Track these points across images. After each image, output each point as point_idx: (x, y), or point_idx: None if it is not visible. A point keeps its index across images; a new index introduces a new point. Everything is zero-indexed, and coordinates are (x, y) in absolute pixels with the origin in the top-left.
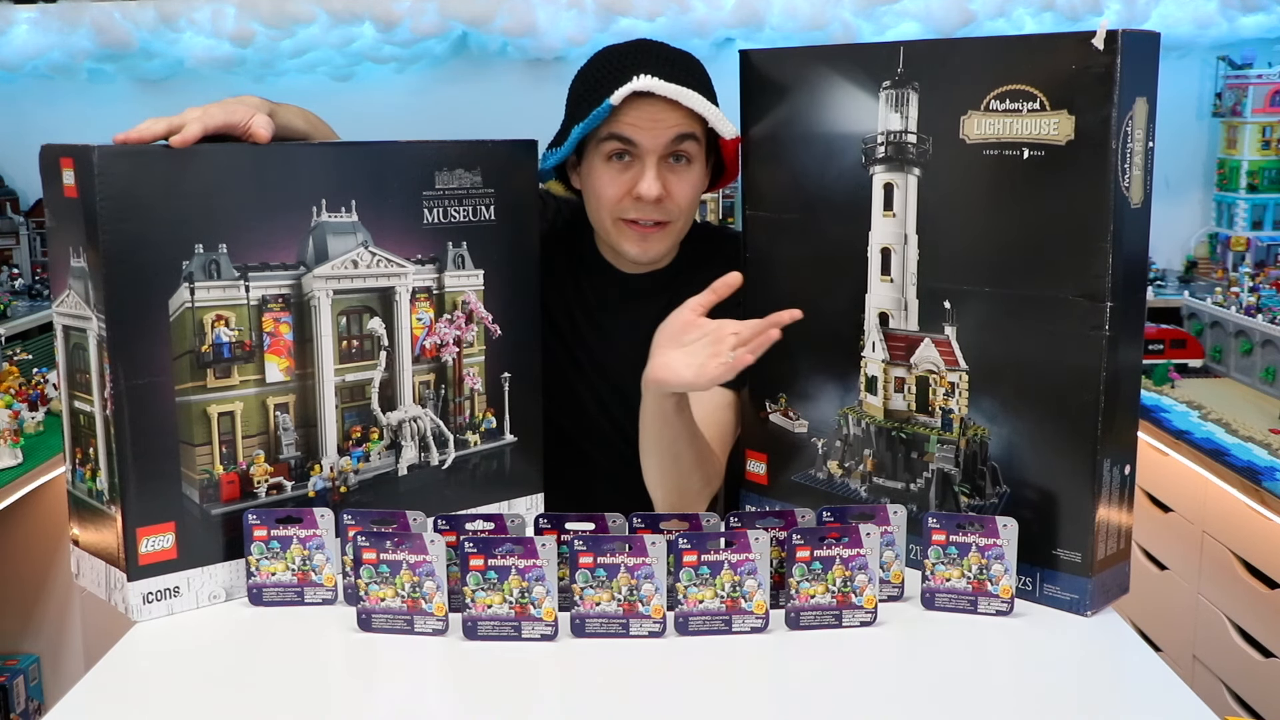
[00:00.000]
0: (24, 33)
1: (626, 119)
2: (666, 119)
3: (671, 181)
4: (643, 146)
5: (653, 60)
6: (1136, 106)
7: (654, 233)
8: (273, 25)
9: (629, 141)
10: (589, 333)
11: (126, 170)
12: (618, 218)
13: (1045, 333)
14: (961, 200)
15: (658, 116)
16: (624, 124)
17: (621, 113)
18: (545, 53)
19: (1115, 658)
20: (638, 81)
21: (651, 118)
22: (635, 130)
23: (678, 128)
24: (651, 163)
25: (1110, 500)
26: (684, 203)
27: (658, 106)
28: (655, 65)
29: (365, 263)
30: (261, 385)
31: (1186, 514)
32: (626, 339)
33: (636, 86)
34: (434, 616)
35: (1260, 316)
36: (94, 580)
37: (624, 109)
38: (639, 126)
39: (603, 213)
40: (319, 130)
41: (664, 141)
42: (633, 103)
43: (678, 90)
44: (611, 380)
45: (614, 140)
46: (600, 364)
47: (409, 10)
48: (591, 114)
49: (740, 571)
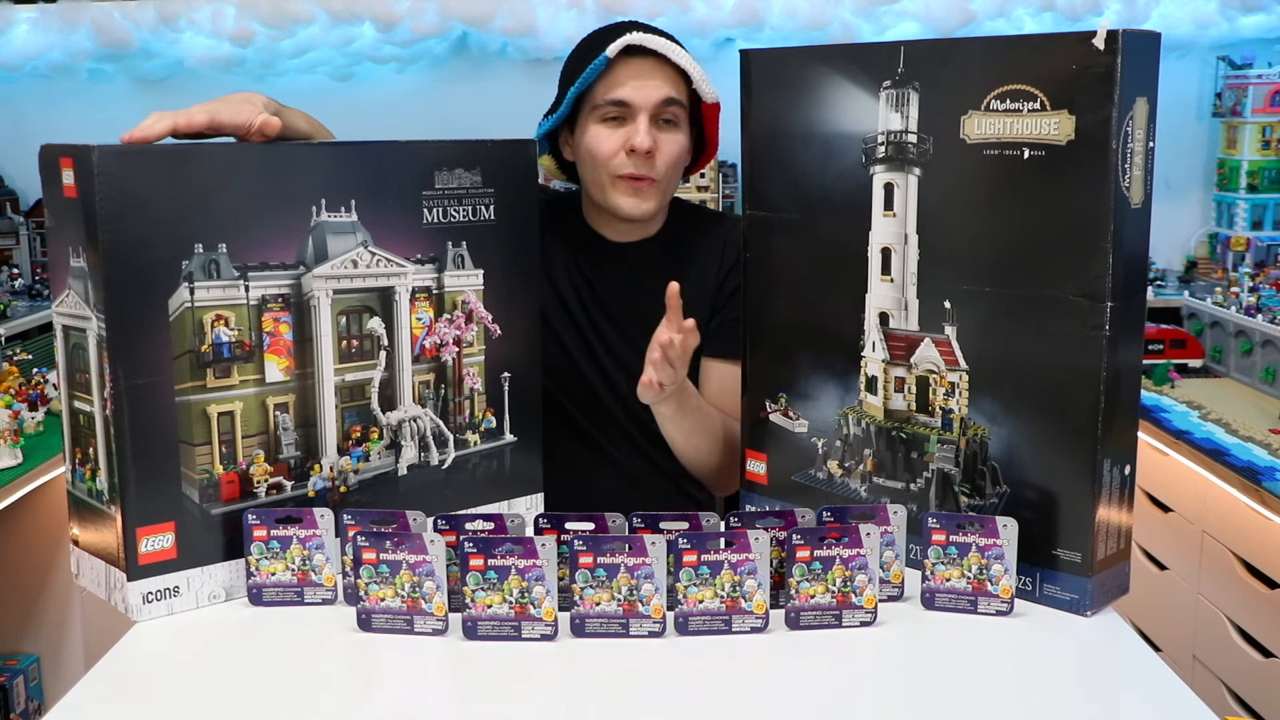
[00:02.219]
0: (24, 33)
1: (617, 79)
2: (656, 79)
3: (660, 140)
4: (635, 105)
5: (642, 26)
6: (1137, 106)
7: (646, 187)
8: (273, 25)
9: (622, 103)
10: (583, 306)
11: (126, 170)
12: (613, 174)
13: (1045, 333)
14: (962, 200)
15: (647, 76)
16: (615, 85)
17: (615, 73)
18: (545, 53)
19: (1115, 658)
20: (630, 36)
21: (643, 78)
22: (627, 90)
23: (666, 89)
24: (644, 119)
25: (1110, 500)
26: (670, 161)
27: (648, 67)
28: (644, 29)
29: (365, 262)
30: (261, 385)
31: (1186, 514)
32: (622, 307)
33: (630, 40)
34: (434, 616)
35: (1260, 316)
36: (94, 580)
37: (617, 69)
38: (630, 85)
39: (599, 170)
40: (320, 134)
41: (654, 100)
42: (625, 62)
43: (666, 44)
44: (611, 348)
45: (607, 105)
46: (599, 333)
47: (409, 10)
48: (588, 69)
49: (740, 571)
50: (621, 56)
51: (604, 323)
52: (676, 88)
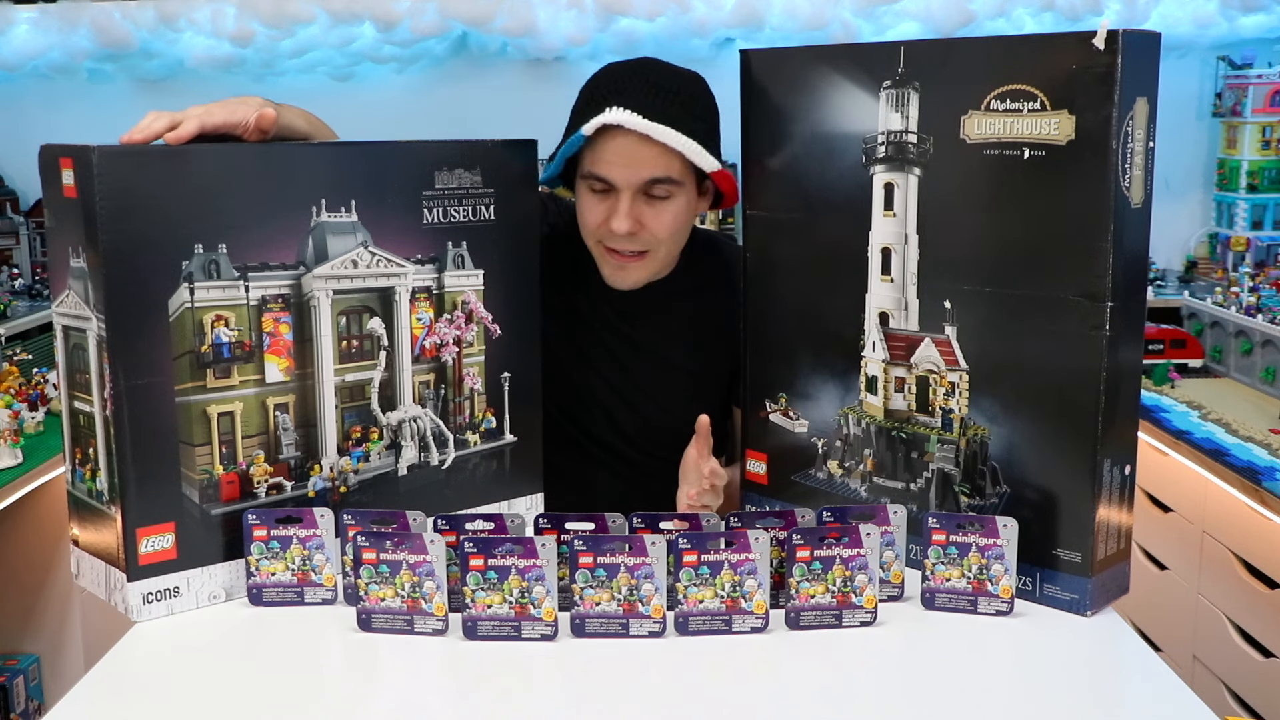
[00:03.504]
0: (24, 33)
1: (602, 155)
2: (641, 157)
3: (649, 215)
4: (616, 184)
5: (638, 88)
6: (1137, 106)
7: (633, 262)
8: (273, 25)
9: (603, 179)
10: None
11: (126, 170)
12: (598, 243)
13: (1045, 333)
14: (962, 200)
15: (633, 154)
16: (599, 160)
17: (598, 145)
18: (545, 53)
19: (1115, 658)
20: (608, 114)
21: (626, 155)
22: (608, 168)
23: (652, 170)
24: (626, 198)
25: (1110, 500)
26: (663, 234)
27: (633, 142)
28: (637, 94)
29: (365, 263)
30: (261, 385)
31: (1186, 514)
32: (626, 345)
33: (606, 119)
34: (434, 616)
35: (1260, 316)
36: (94, 580)
37: (599, 142)
38: (612, 164)
39: (586, 237)
40: (320, 132)
41: (636, 182)
42: (609, 135)
43: (650, 126)
44: (612, 384)
45: (591, 177)
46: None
47: (409, 10)
48: (569, 141)
49: (740, 571)
50: (607, 126)
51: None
52: (668, 163)
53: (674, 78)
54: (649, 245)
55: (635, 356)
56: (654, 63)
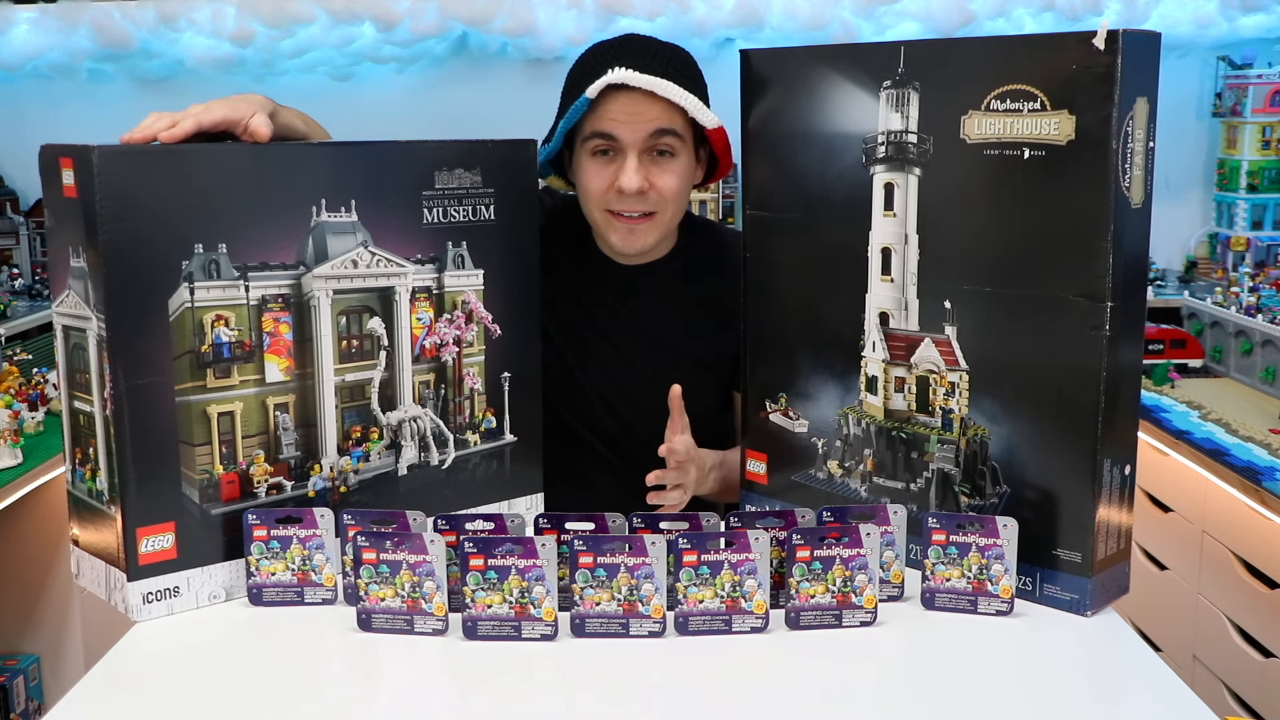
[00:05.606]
0: (24, 33)
1: (605, 114)
2: (645, 112)
3: (655, 173)
4: (622, 140)
5: (632, 53)
6: (1137, 106)
7: (641, 224)
8: (273, 25)
9: (609, 136)
10: (589, 326)
11: (126, 170)
12: (605, 210)
13: (1045, 333)
14: (962, 200)
15: (636, 110)
16: (603, 119)
17: (600, 107)
18: (545, 53)
19: (1115, 658)
20: (612, 74)
21: (629, 111)
22: (614, 124)
23: (656, 122)
24: (632, 156)
25: (1110, 500)
26: (669, 193)
27: (635, 99)
28: (633, 58)
29: (365, 262)
30: (261, 385)
31: (1186, 514)
32: (626, 332)
33: (611, 79)
34: (434, 616)
35: (1260, 316)
36: (94, 580)
37: (603, 103)
38: (617, 120)
39: (591, 205)
40: (317, 134)
41: (643, 135)
42: (611, 96)
43: (652, 81)
44: (612, 374)
45: (596, 137)
46: (601, 358)
47: (409, 10)
48: (571, 108)
49: (740, 571)
50: (609, 89)
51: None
52: (670, 116)
53: (663, 46)
54: (656, 206)
55: (633, 340)
56: (640, 36)
